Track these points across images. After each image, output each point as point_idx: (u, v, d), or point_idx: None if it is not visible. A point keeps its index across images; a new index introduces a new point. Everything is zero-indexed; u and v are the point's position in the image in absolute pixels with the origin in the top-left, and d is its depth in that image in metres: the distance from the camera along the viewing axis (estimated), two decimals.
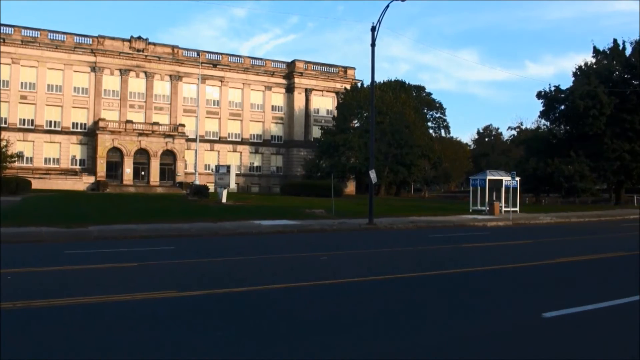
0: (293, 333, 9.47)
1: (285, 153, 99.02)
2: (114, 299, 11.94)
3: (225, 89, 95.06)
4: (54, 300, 11.80)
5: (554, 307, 11.09)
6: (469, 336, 9.30)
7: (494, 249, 23.17)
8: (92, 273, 15.97)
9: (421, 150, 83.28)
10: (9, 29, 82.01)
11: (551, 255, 19.86)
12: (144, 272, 16.18)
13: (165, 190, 77.59)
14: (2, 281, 13.91)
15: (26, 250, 21.50)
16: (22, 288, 13.42)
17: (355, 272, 16.14)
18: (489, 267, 17.26)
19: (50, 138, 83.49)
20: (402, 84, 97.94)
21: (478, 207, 48.78)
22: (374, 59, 36.41)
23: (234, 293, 12.85)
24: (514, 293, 13.31)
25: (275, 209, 43.20)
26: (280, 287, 13.58)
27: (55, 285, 13.80)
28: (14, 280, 14.45)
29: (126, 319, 10.35)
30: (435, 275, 15.84)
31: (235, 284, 13.87)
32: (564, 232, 32.18)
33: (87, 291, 12.82)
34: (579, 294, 13.15)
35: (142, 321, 10.22)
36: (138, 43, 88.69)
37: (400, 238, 28.29)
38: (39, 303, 11.53)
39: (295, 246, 23.70)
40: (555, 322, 10.14)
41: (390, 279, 15.00)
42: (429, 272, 16.43)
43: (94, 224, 29.76)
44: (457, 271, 16.36)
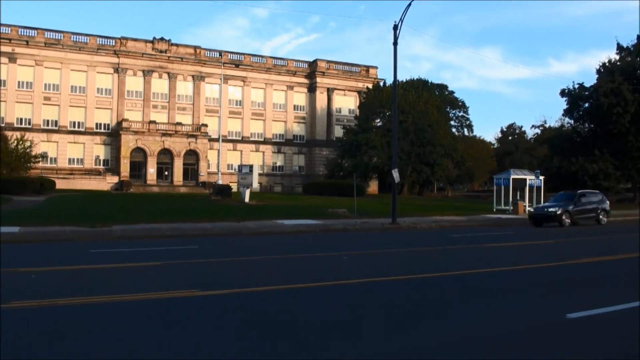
0: (314, 333, 9.44)
1: (307, 152, 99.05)
2: (138, 298, 11.98)
3: (248, 89, 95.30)
4: (78, 298, 11.87)
5: (578, 308, 10.95)
6: (491, 336, 9.22)
7: (517, 249, 22.98)
8: (116, 272, 16.07)
9: (444, 149, 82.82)
10: (32, 31, 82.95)
11: (575, 255, 19.65)
12: (168, 271, 16.23)
13: (189, 190, 77.96)
14: (26, 280, 14.05)
15: (50, 249, 21.69)
16: (46, 287, 13.54)
17: (377, 272, 16.08)
18: (512, 267, 17.10)
19: (74, 139, 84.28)
20: (424, 82, 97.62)
21: (502, 206, 48.39)
22: (396, 57, 36.27)
23: (257, 292, 12.85)
24: (537, 293, 13.15)
25: (297, 209, 43.20)
26: (303, 287, 13.56)
27: (80, 284, 13.89)
28: (38, 278, 14.58)
29: (150, 318, 10.39)
30: (458, 275, 15.71)
31: (258, 284, 13.87)
32: (588, 232, 31.83)
33: (112, 290, 12.88)
34: (604, 294, 12.96)
35: (166, 320, 10.25)
36: (161, 44, 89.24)
37: (424, 238, 28.16)
38: (63, 301, 11.61)
39: (317, 246, 23.68)
40: (579, 323, 10.01)
41: (413, 279, 14.91)
42: (451, 272, 16.30)
43: (118, 224, 29.94)
44: (479, 271, 16.22)
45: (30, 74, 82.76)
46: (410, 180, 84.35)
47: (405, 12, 35.48)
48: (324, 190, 70.69)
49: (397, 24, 35.65)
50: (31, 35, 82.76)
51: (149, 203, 46.82)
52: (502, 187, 49.54)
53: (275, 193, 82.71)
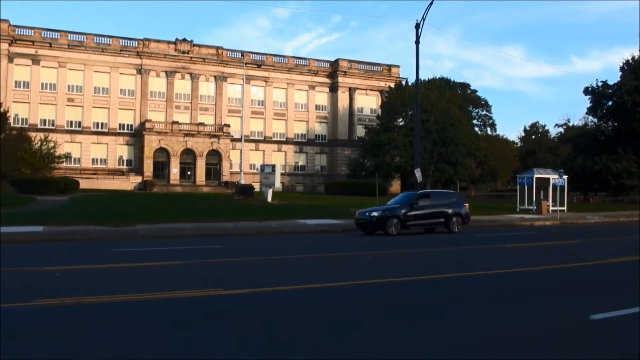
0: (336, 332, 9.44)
1: (329, 152, 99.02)
2: (161, 297, 12.05)
3: (270, 89, 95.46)
4: (102, 297, 11.97)
5: (602, 309, 10.84)
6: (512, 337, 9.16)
7: (541, 249, 22.81)
8: (140, 271, 16.19)
9: (467, 148, 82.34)
10: (55, 33, 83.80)
11: (599, 256, 19.44)
12: (191, 270, 16.32)
13: (211, 190, 78.19)
14: (50, 278, 14.19)
15: (74, 248, 21.88)
16: (70, 285, 13.66)
17: (400, 272, 16.05)
18: (537, 267, 16.95)
19: (97, 139, 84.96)
20: (446, 81, 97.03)
21: (525, 206, 48.01)
22: (418, 56, 36.21)
23: (280, 292, 12.87)
24: (561, 294, 13.05)
25: (319, 208, 43.21)
26: (326, 286, 13.56)
27: (104, 283, 14.00)
28: (62, 277, 14.72)
29: (175, 317, 10.44)
30: (480, 275, 15.64)
31: (280, 283, 13.91)
32: (613, 232, 31.52)
33: (135, 289, 12.97)
34: (629, 295, 12.81)
35: (190, 319, 10.30)
36: (183, 45, 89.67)
37: (444, 238, 28.03)
38: (87, 300, 11.71)
39: (340, 245, 23.68)
40: (602, 324, 9.90)
41: (434, 279, 14.87)
42: (474, 272, 16.23)
43: (141, 223, 30.13)
44: (503, 271, 16.12)
45: (54, 75, 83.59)
46: (433, 180, 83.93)
47: (427, 10, 35.42)
48: (345, 190, 70.57)
49: (419, 23, 35.62)
50: (54, 37, 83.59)
51: (172, 203, 47.08)
52: (525, 186, 49.13)
53: (297, 193, 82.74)
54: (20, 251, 20.53)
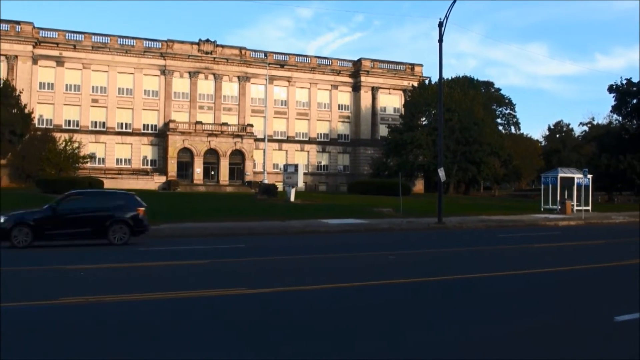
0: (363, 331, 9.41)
1: (352, 152, 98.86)
2: (186, 295, 12.10)
3: (293, 89, 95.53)
4: (126, 295, 12.04)
5: (627, 310, 10.71)
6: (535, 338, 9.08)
7: (565, 250, 22.58)
8: (164, 270, 16.26)
9: (491, 147, 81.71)
10: (79, 35, 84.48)
11: (624, 257, 19.20)
12: (215, 269, 16.36)
13: (235, 190, 78.41)
14: (75, 277, 14.30)
15: (98, 247, 21.98)
16: (94, 284, 13.75)
17: (424, 272, 15.97)
18: (561, 268, 16.79)
19: (121, 139, 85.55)
20: (470, 80, 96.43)
21: (549, 205, 47.60)
22: (441, 55, 36.00)
23: (304, 291, 12.87)
24: (585, 295, 12.94)
25: (342, 208, 43.17)
26: (350, 286, 13.54)
27: (127, 281, 14.09)
28: (86, 276, 14.83)
29: (199, 315, 10.47)
30: (505, 276, 15.53)
31: (304, 282, 13.90)
32: (638, 232, 31.14)
33: (159, 287, 13.03)
34: None
35: (214, 317, 10.33)
36: (206, 46, 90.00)
37: (470, 238, 27.89)
38: (111, 298, 11.79)
39: (363, 245, 23.61)
40: (627, 326, 9.78)
41: (459, 279, 14.78)
42: (498, 272, 16.12)
43: (166, 222, 30.26)
44: (528, 272, 15.98)
45: (78, 77, 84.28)
46: (456, 179, 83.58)
47: (450, 8, 35.16)
48: (368, 190, 70.39)
49: (442, 21, 35.37)
50: (78, 39, 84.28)
51: (196, 202, 47.27)
52: (549, 185, 48.72)
53: (320, 192, 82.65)
54: (45, 250, 20.70)
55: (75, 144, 74.91)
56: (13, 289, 12.75)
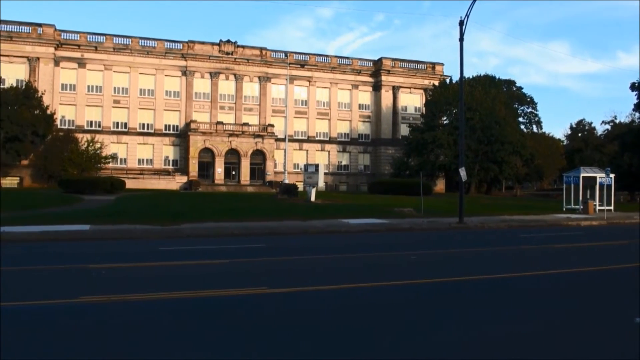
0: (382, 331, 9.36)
1: (372, 151, 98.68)
2: (206, 295, 12.12)
3: (313, 89, 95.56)
4: (148, 294, 12.08)
5: None
6: None
7: (588, 250, 22.34)
8: (186, 269, 16.30)
9: (512, 146, 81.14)
10: (101, 37, 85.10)
11: None
12: (235, 269, 16.38)
13: (256, 189, 78.60)
14: (97, 276, 14.37)
15: (120, 246, 22.12)
16: (116, 282, 13.81)
17: (446, 272, 15.88)
18: (583, 268, 16.63)
19: (143, 140, 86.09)
20: (491, 78, 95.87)
21: (572, 205, 47.08)
22: (462, 54, 35.77)
23: (324, 291, 12.84)
24: (607, 296, 12.79)
25: (363, 208, 43.08)
26: (370, 286, 13.49)
27: (149, 280, 14.13)
28: (108, 275, 14.89)
29: (219, 314, 10.47)
30: (527, 276, 15.40)
31: (324, 282, 13.86)
32: None
33: (181, 286, 13.06)
34: None
35: (234, 317, 10.32)
36: (227, 46, 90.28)
37: (491, 238, 27.70)
38: (132, 297, 11.83)
39: (384, 245, 23.52)
40: None
41: (481, 279, 14.68)
42: (520, 273, 15.97)
43: (187, 222, 30.37)
44: (550, 272, 15.86)
45: (100, 78, 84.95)
46: (478, 179, 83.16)
47: (471, 7, 34.95)
48: (389, 189, 70.18)
49: (463, 20, 35.15)
50: (100, 41, 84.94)
51: (217, 202, 47.37)
52: (571, 185, 48.16)
53: (340, 192, 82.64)
54: (67, 249, 20.84)
55: (98, 144, 75.62)
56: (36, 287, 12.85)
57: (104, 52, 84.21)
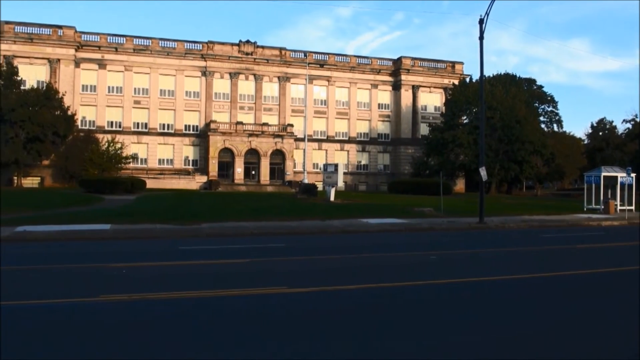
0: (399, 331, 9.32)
1: (392, 151, 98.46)
2: (226, 294, 12.14)
3: (332, 89, 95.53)
4: (168, 293, 12.12)
5: None
6: None
7: (608, 250, 22.14)
8: (205, 268, 16.33)
9: (533, 146, 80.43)
10: (121, 38, 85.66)
11: None
12: (255, 268, 16.38)
13: (275, 189, 78.71)
14: (117, 275, 14.44)
15: (141, 245, 22.24)
16: (136, 281, 13.87)
17: (466, 272, 15.80)
18: (605, 269, 16.48)
19: (163, 140, 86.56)
20: (512, 77, 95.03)
21: (592, 205, 46.59)
22: (482, 52, 35.58)
23: (344, 291, 12.82)
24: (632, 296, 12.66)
25: (382, 207, 43.00)
26: (390, 286, 13.45)
27: (170, 279, 14.18)
28: (128, 273, 14.96)
29: (239, 313, 10.48)
30: (549, 277, 15.28)
31: (343, 282, 13.83)
32: None
33: (200, 285, 13.09)
34: None
35: (254, 316, 10.32)
36: (246, 47, 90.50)
37: (512, 238, 27.53)
38: (153, 296, 11.88)
39: (403, 245, 23.47)
40: None
41: (503, 280, 14.59)
42: (541, 273, 15.83)
43: (207, 222, 30.48)
44: (571, 273, 15.73)
45: (120, 79, 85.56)
46: (498, 179, 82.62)
47: (491, 5, 34.74)
48: (409, 189, 69.99)
49: (482, 18, 34.95)
50: (120, 42, 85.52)
51: (237, 202, 47.49)
52: (592, 185, 47.67)
53: (360, 192, 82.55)
54: (88, 248, 20.98)
55: (118, 144, 76.15)
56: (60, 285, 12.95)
57: (124, 53, 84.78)
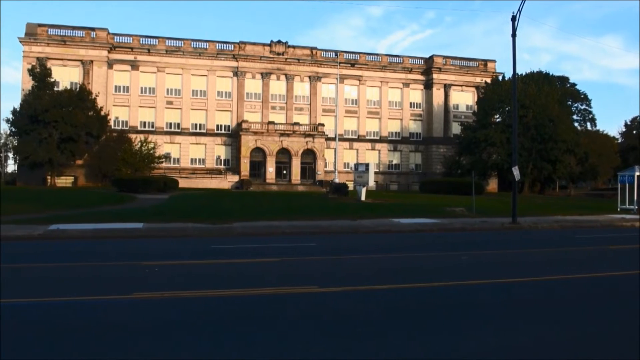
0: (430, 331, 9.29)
1: (424, 150, 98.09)
2: (257, 293, 12.18)
3: (363, 88, 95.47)
4: (200, 291, 12.20)
5: None
6: None
7: None
8: (236, 267, 16.40)
9: (566, 145, 79.46)
10: (153, 40, 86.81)
11: None
12: (286, 267, 16.42)
13: (306, 189, 78.88)
14: (149, 273, 14.58)
15: (173, 244, 22.41)
16: (169, 279, 13.98)
17: (497, 273, 15.67)
18: None
19: (195, 140, 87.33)
20: (544, 75, 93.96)
21: (626, 205, 45.69)
22: (514, 50, 35.22)
23: (375, 290, 12.79)
24: None
25: (414, 207, 42.81)
26: (420, 287, 13.39)
27: (201, 278, 14.27)
28: (161, 272, 15.09)
29: (270, 313, 10.51)
30: (581, 278, 15.09)
31: (374, 282, 13.80)
32: None
33: (232, 284, 13.15)
34: None
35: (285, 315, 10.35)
36: (278, 47, 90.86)
37: (545, 238, 27.21)
38: (185, 294, 11.97)
39: (434, 245, 23.35)
40: None
41: (534, 281, 14.43)
42: (574, 275, 15.63)
43: (238, 221, 30.59)
44: (604, 274, 15.50)
45: (153, 80, 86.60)
46: (531, 178, 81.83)
47: (523, 2, 34.41)
48: (440, 189, 69.65)
49: (515, 15, 34.60)
50: (152, 43, 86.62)
51: (268, 201, 47.65)
52: (626, 185, 46.80)
53: (391, 191, 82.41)
54: (121, 246, 21.20)
55: (151, 144, 76.96)
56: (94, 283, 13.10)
57: (156, 54, 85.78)
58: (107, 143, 74.39)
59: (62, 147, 69.40)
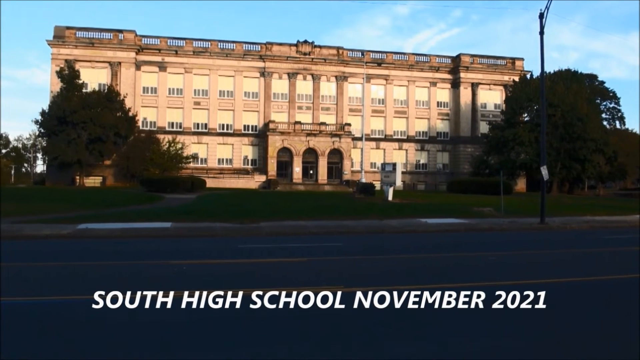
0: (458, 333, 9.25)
1: (451, 150, 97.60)
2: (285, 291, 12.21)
3: (390, 87, 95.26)
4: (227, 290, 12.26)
5: None
6: None
7: None
8: (264, 267, 16.47)
9: (595, 144, 78.39)
10: (181, 41, 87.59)
11: None
12: (313, 267, 16.46)
13: (333, 188, 78.91)
14: (178, 271, 14.69)
15: (201, 243, 22.56)
16: (197, 278, 14.09)
17: (526, 274, 15.55)
18: None
19: (223, 140, 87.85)
20: (573, 73, 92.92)
21: None
22: (542, 48, 34.88)
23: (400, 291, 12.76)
24: None
25: (441, 207, 42.63)
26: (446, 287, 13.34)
27: (228, 277, 14.36)
28: (189, 270, 15.22)
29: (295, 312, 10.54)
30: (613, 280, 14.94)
31: (400, 282, 13.77)
32: None
33: (260, 284, 13.18)
34: None
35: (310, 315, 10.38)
36: (304, 47, 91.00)
37: (574, 239, 26.93)
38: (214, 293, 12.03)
39: (462, 245, 23.23)
40: None
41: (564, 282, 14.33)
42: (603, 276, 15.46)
43: (266, 220, 30.72)
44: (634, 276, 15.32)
45: (180, 81, 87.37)
46: (560, 178, 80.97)
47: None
48: (468, 188, 69.23)
49: (542, 12, 34.29)
50: (180, 45, 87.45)
51: (295, 201, 47.73)
52: None
53: (418, 191, 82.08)
54: (149, 245, 21.39)
55: (179, 144, 77.55)
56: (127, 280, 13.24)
57: (184, 55, 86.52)
58: (135, 143, 75.09)
59: (90, 147, 70.20)
